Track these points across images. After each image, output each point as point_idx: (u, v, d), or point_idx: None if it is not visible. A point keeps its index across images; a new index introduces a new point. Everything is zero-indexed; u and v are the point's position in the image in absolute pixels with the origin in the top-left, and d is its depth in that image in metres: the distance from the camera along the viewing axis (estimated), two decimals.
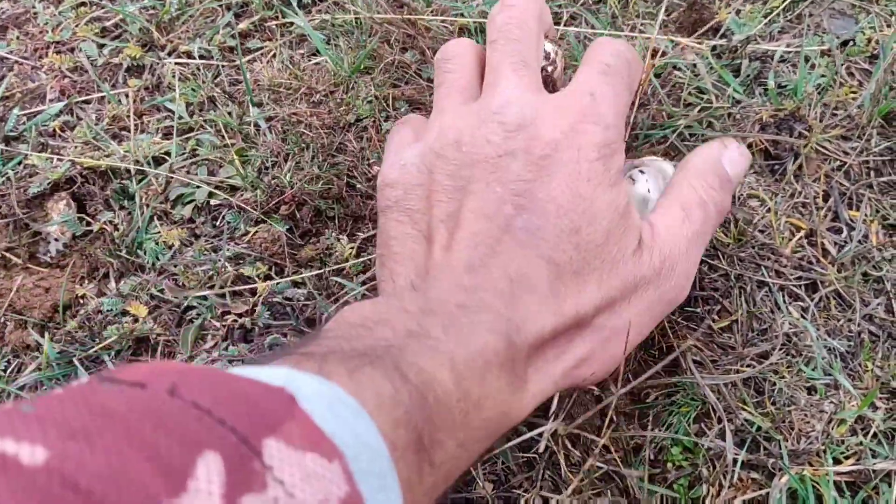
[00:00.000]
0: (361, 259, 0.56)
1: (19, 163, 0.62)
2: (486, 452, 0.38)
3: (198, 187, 0.60)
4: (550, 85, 0.48)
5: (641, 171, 0.47)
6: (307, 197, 0.58)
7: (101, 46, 0.69)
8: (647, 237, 0.43)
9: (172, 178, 0.60)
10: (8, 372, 0.55)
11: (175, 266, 0.57)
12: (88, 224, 0.59)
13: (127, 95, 0.66)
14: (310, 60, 0.66)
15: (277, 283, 0.56)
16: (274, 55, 0.67)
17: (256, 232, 0.57)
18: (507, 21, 0.46)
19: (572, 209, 0.40)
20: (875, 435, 0.47)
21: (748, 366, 0.49)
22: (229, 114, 0.63)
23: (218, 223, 0.59)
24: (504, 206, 0.41)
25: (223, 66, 0.67)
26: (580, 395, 0.49)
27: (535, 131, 0.42)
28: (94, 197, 0.60)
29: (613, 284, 0.41)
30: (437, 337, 0.35)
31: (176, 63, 0.67)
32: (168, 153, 0.62)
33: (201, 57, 0.67)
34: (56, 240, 0.60)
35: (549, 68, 0.48)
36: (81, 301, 0.57)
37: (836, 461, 0.47)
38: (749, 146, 0.56)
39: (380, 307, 0.37)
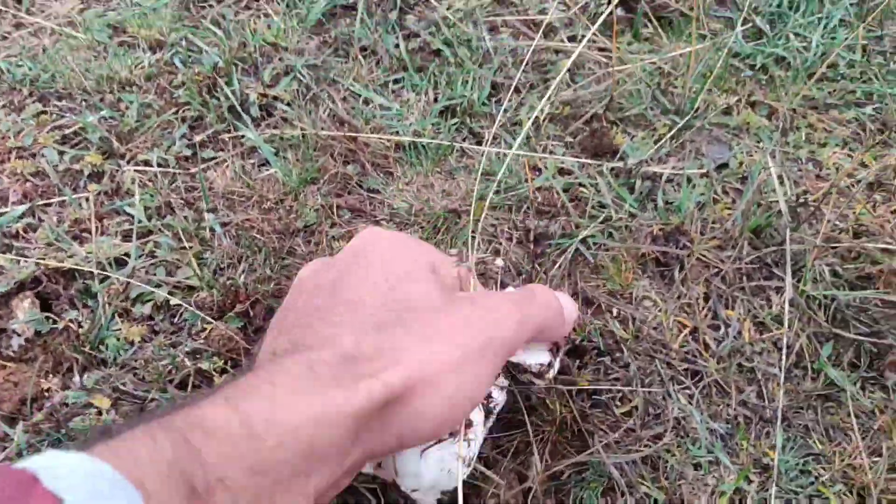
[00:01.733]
0: None
1: None
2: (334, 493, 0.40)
3: (158, 286, 0.66)
4: None
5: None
6: (259, 296, 0.64)
7: (62, 154, 0.74)
8: None
9: (131, 283, 0.66)
10: None
11: (136, 361, 0.62)
12: (54, 322, 0.64)
13: (87, 199, 0.71)
14: (260, 171, 0.73)
15: (234, 376, 0.61)
16: (227, 165, 0.74)
17: (213, 328, 0.64)
18: None
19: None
20: None
21: (646, 445, 0.58)
22: (186, 218, 0.69)
23: (176, 320, 0.65)
24: None
25: (179, 174, 0.73)
26: (504, 473, 0.57)
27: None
28: (58, 296, 0.65)
29: None
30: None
31: (135, 170, 0.73)
32: (128, 254, 0.68)
33: (159, 165, 0.74)
34: (19, 335, 0.64)
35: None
36: (47, 394, 0.61)
37: None
38: (643, 255, 0.67)
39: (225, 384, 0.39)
